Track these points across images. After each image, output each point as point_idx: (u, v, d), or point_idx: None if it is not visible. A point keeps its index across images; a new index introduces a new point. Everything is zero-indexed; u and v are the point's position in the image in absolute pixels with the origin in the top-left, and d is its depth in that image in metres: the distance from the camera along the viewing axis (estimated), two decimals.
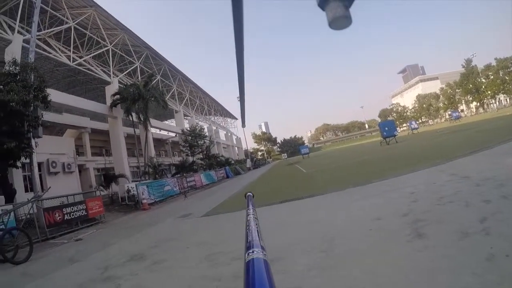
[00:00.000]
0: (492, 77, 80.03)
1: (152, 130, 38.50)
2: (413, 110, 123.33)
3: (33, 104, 14.59)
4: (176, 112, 50.30)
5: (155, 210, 18.07)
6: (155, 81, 38.08)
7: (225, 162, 53.49)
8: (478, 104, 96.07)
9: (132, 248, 7.62)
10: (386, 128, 36.14)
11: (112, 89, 30.88)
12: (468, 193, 5.50)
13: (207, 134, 52.57)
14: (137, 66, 36.62)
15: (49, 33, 25.89)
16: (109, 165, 33.71)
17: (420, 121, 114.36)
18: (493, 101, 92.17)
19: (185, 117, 54.70)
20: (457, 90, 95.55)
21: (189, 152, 43.22)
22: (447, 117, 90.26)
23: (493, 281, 2.63)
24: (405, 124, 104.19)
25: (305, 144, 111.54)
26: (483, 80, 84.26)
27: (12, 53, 17.51)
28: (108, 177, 25.37)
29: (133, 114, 29.49)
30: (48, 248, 10.43)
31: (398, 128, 60.58)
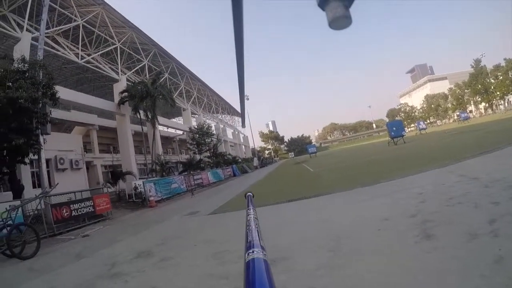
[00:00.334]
0: (501, 78, 79.26)
1: (160, 128, 38.68)
2: (421, 110, 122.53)
3: (42, 101, 14.67)
4: (184, 110, 50.47)
5: (162, 208, 18.12)
6: (163, 79, 38.20)
7: (232, 161, 53.50)
8: (487, 105, 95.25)
9: (139, 245, 7.64)
10: (394, 128, 35.91)
11: (120, 87, 31.06)
12: (477, 195, 5.44)
13: (215, 132, 52.62)
14: (145, 64, 36.75)
15: (58, 31, 26.11)
16: (117, 162, 33.86)
17: (428, 122, 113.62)
18: (502, 102, 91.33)
19: (193, 115, 54.91)
20: (466, 91, 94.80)
21: (197, 150, 43.29)
22: (456, 118, 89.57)
23: (502, 283, 2.60)
24: (413, 125, 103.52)
25: (313, 143, 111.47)
26: (492, 81, 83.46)
27: (21, 51, 17.64)
28: (116, 174, 25.49)
29: (141, 112, 29.60)
30: (55, 244, 10.49)
31: (406, 129, 60.30)
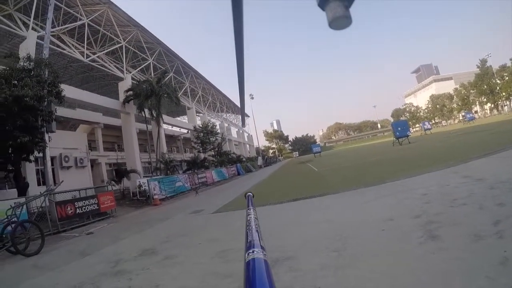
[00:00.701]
0: (507, 78, 78.80)
1: (164, 126, 38.77)
2: (426, 111, 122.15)
3: (47, 99, 14.76)
4: (189, 109, 50.55)
5: (166, 206, 18.16)
6: (168, 78, 38.22)
7: (237, 160, 53.51)
8: (492, 106, 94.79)
9: (143, 243, 7.66)
10: (399, 128, 35.88)
11: (125, 85, 31.14)
12: (482, 196, 5.41)
13: (219, 131, 52.69)
14: (150, 63, 36.80)
15: (63, 30, 26.19)
16: (121, 160, 34.07)
17: (433, 122, 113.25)
18: (508, 103, 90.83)
19: (197, 114, 54.99)
20: (471, 91, 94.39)
21: (201, 149, 43.34)
22: (461, 119, 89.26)
23: (507, 285, 2.59)
24: (418, 125, 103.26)
25: (317, 143, 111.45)
26: (498, 81, 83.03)
27: (27, 49, 17.77)
28: (120, 172, 25.63)
29: (146, 110, 29.66)
30: (60, 241, 10.54)
31: (411, 129, 60.10)
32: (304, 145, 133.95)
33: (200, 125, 46.27)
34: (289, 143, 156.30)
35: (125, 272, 5.28)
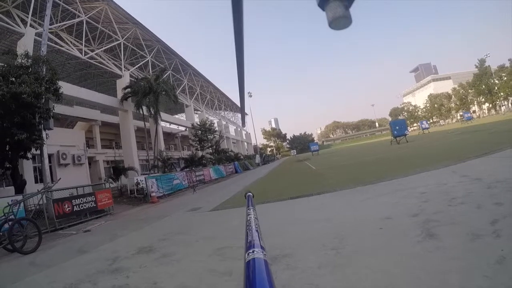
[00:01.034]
0: (506, 79, 79.01)
1: (162, 124, 38.77)
2: (424, 110, 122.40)
3: (45, 97, 14.68)
4: (187, 107, 50.55)
5: (164, 204, 18.13)
6: (166, 75, 38.18)
7: (234, 157, 53.55)
8: (490, 106, 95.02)
9: (141, 241, 7.64)
10: (397, 127, 35.92)
11: (123, 83, 31.15)
12: (480, 195, 5.43)
13: (217, 129, 52.65)
14: (149, 60, 36.78)
15: (61, 27, 26.17)
16: (119, 158, 34.05)
17: (431, 121, 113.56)
18: (506, 103, 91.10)
19: (196, 112, 54.93)
20: (470, 91, 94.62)
21: (199, 146, 43.38)
22: (459, 118, 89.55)
23: (504, 284, 2.60)
24: (416, 124, 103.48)
25: (315, 141, 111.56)
26: (496, 81, 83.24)
27: (24, 46, 17.73)
28: (118, 170, 25.59)
29: (144, 108, 29.60)
30: (57, 239, 10.52)
31: (409, 128, 60.32)
32: (302, 144, 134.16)
33: (198, 123, 46.29)
34: (287, 141, 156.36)
35: (123, 270, 5.27)
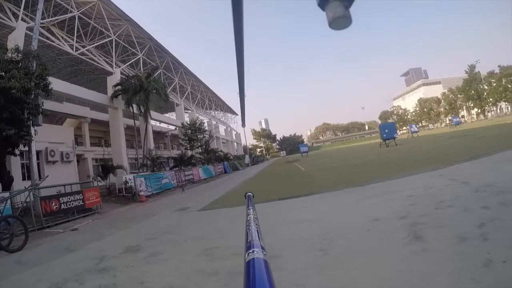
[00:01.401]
0: (495, 85, 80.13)
1: (152, 123, 38.58)
2: (414, 114, 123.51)
3: (34, 92, 14.48)
4: (177, 106, 50.34)
5: (152, 203, 18.04)
6: (157, 73, 38.00)
7: (224, 158, 53.42)
8: (479, 111, 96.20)
9: (129, 240, 7.60)
10: (386, 130, 36.28)
11: (114, 80, 30.92)
12: (467, 199, 5.50)
13: (207, 129, 52.53)
14: (140, 58, 36.54)
15: (53, 22, 25.90)
16: (108, 156, 33.81)
17: (421, 125, 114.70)
18: (494, 109, 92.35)
19: (186, 111, 54.80)
20: (459, 96, 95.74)
21: (188, 146, 43.20)
22: (448, 122, 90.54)
23: (491, 287, 2.62)
24: (405, 127, 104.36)
25: (305, 143, 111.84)
26: (486, 87, 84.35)
27: (15, 40, 17.48)
28: (106, 168, 25.40)
29: (134, 106, 29.43)
30: (44, 237, 10.40)
31: (398, 131, 60.79)
32: (292, 145, 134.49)
33: (188, 122, 46.09)
34: (277, 142, 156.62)
35: (110, 269, 5.23)
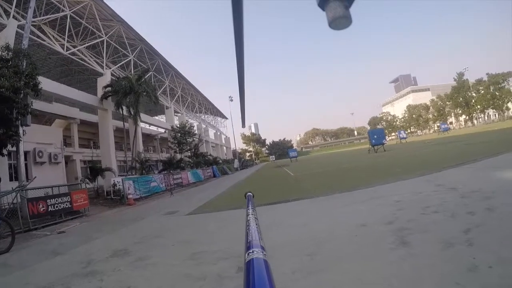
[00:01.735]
0: (483, 92, 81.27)
1: (142, 125, 38.33)
2: (403, 120, 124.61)
3: (24, 91, 14.33)
4: (167, 108, 50.21)
5: (141, 206, 17.93)
6: (148, 76, 37.87)
7: (213, 161, 53.22)
8: (467, 118, 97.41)
9: (116, 243, 7.54)
10: (375, 136, 36.55)
11: (104, 81, 30.65)
12: (454, 204, 5.57)
13: (197, 132, 52.40)
14: (131, 59, 36.39)
15: (45, 20, 25.72)
16: (96, 158, 33.50)
17: (409, 131, 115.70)
18: (482, 116, 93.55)
19: (176, 114, 54.62)
20: (448, 103, 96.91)
21: (178, 149, 43.07)
22: (436, 129, 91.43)
23: None
24: (394, 133, 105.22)
25: (294, 148, 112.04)
26: (474, 94, 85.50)
27: (6, 38, 17.30)
28: (95, 170, 25.16)
29: (124, 108, 29.26)
30: (30, 240, 10.27)
31: (387, 137, 61.24)
32: (281, 149, 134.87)
33: (178, 125, 45.98)
34: (266, 147, 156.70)
35: (97, 273, 5.18)
